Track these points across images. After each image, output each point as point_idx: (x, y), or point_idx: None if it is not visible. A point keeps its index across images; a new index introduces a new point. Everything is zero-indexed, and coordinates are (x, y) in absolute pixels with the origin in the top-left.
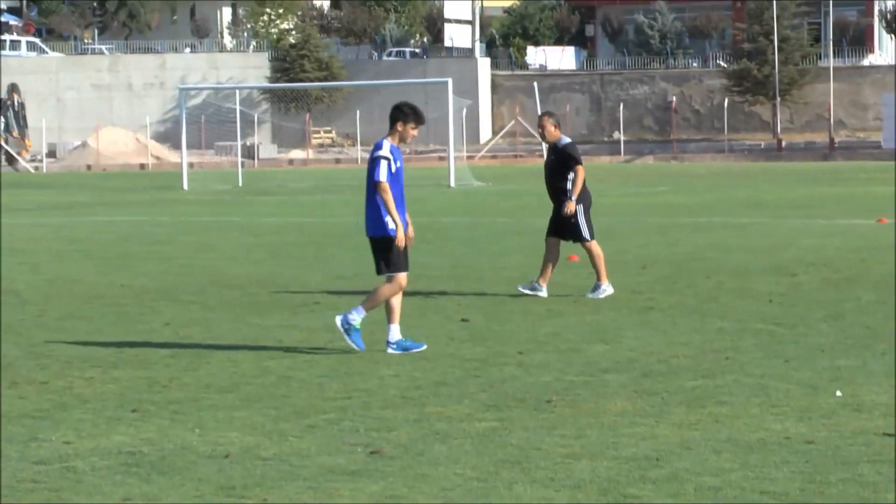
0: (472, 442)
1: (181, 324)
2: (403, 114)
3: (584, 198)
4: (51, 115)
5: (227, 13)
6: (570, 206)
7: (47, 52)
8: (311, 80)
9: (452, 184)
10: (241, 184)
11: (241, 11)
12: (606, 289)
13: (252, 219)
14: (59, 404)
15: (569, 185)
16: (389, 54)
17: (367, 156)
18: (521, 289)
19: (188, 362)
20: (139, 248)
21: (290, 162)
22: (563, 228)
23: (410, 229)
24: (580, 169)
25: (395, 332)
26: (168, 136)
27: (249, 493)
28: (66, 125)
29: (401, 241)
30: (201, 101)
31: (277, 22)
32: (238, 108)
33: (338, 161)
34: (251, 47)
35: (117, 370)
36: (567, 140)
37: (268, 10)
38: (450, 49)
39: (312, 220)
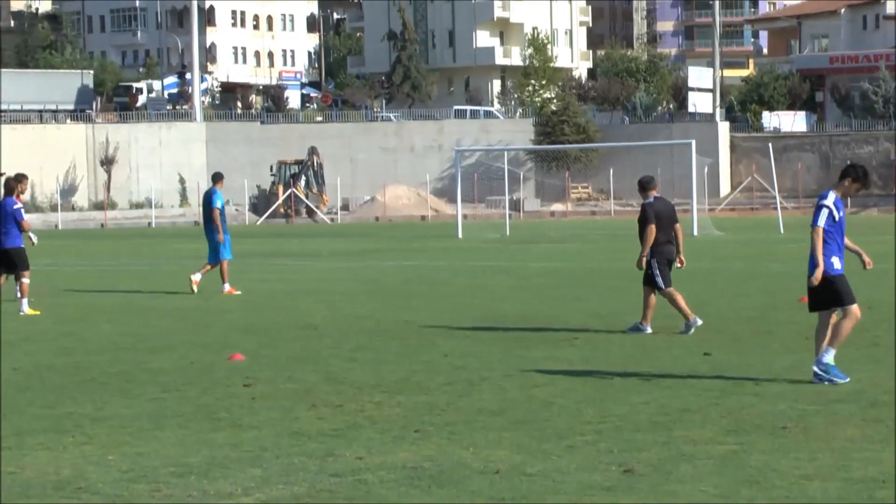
0: (714, 463)
1: (457, 355)
2: (855, 173)
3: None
4: (345, 174)
5: (496, 84)
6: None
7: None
8: (570, 143)
9: (696, 233)
10: (508, 233)
11: (509, 83)
12: (696, 323)
13: (518, 263)
14: (352, 424)
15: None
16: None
17: (620, 209)
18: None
19: (463, 389)
20: (420, 289)
21: (552, 214)
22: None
23: (867, 259)
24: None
25: (829, 356)
26: (445, 192)
27: None
28: (357, 182)
29: (815, 280)
30: (474, 160)
31: (541, 91)
32: (506, 167)
33: (593, 213)
34: (518, 114)
35: (402, 395)
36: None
37: (532, 81)
38: (693, 114)
39: (571, 266)
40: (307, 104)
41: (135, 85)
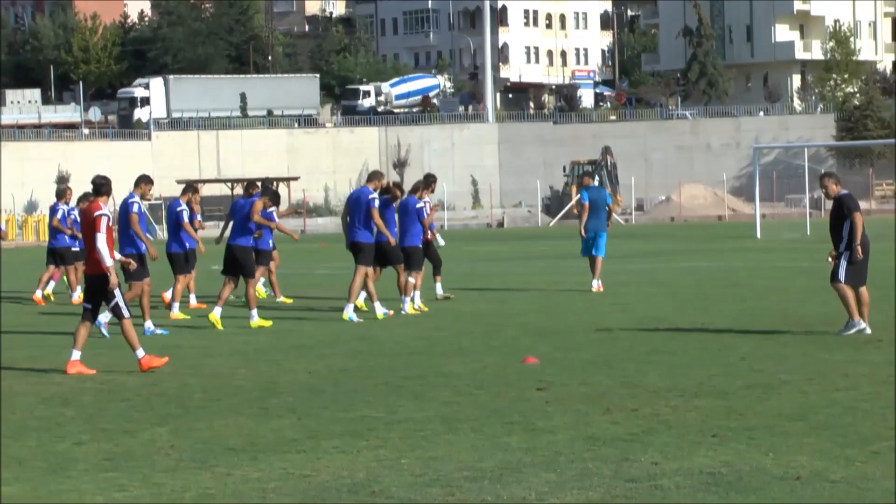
0: None
1: (756, 358)
2: None
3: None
4: (639, 174)
5: (796, 79)
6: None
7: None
8: (874, 138)
9: None
10: (808, 232)
11: (809, 78)
12: (858, 325)
13: (819, 264)
14: (648, 429)
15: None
16: None
17: None
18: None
19: (762, 393)
20: (716, 291)
21: None
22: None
23: None
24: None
25: None
26: (742, 191)
27: None
28: (652, 182)
29: None
30: (773, 158)
31: (843, 86)
32: (806, 164)
33: None
34: (818, 109)
35: (698, 399)
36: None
37: (834, 75)
38: None
39: (876, 266)
40: (600, 103)
41: (361, 88)
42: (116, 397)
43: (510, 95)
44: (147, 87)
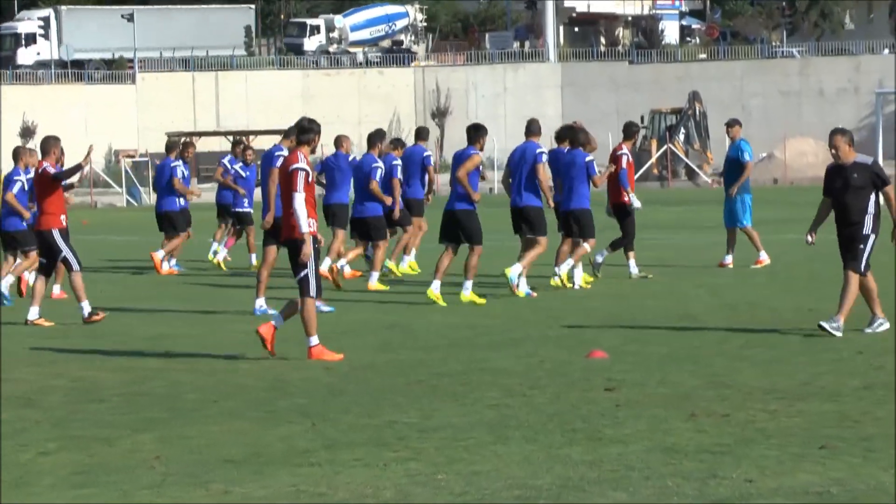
0: None
1: (875, 352)
2: None
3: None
4: None
5: None
6: None
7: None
8: None
9: None
10: None
11: None
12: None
13: None
14: (740, 439)
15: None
16: None
17: None
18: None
19: (882, 395)
20: (829, 270)
21: None
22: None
23: None
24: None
25: None
26: (862, 146)
27: None
28: (751, 135)
29: None
30: None
31: None
32: None
33: None
34: None
35: (803, 402)
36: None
37: None
38: None
39: None
40: (687, 38)
41: (309, 22)
42: (90, 397)
43: (576, 29)
44: (37, 20)
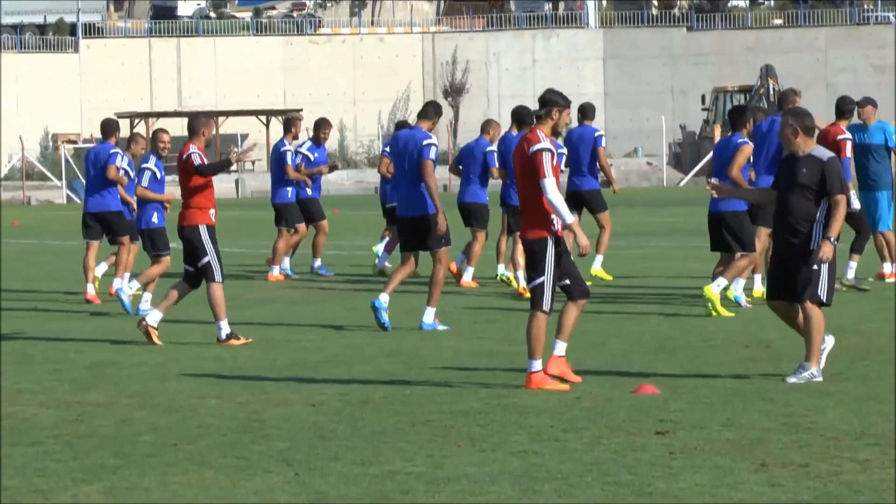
0: None
1: None
2: None
3: None
4: (817, 106)
5: None
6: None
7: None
8: None
9: None
10: None
11: None
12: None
13: None
14: (823, 494)
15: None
16: None
17: None
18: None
19: None
20: None
21: None
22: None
23: None
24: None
25: None
26: None
27: None
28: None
29: None
30: None
31: None
32: None
33: None
34: None
35: None
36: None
37: None
38: None
39: None
40: (759, 0)
41: None
42: (23, 440)
43: None
44: None
